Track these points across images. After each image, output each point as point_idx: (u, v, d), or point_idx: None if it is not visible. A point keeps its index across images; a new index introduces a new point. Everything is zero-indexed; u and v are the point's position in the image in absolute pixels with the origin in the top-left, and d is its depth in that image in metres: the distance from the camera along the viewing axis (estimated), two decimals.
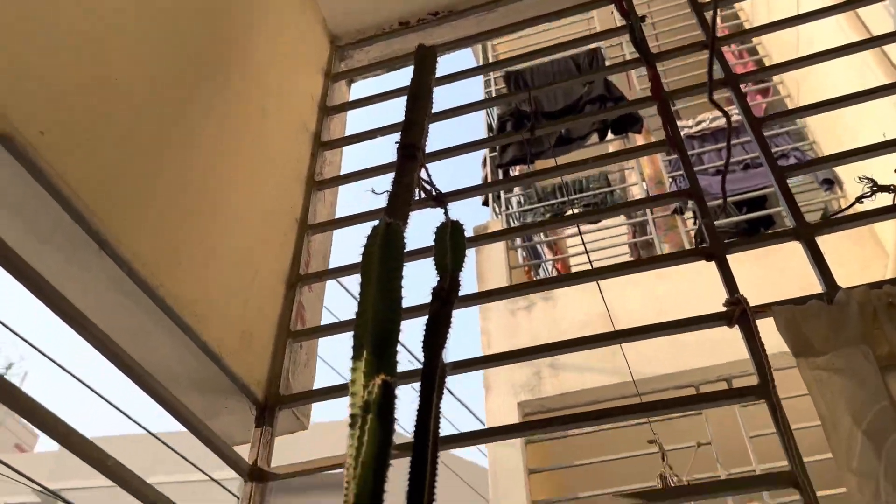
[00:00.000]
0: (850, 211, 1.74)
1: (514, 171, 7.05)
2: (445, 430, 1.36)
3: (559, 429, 1.67)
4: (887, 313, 1.40)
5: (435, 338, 1.38)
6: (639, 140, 7.20)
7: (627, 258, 6.64)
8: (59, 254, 1.36)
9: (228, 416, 1.82)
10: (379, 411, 1.13)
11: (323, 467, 1.59)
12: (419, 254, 1.85)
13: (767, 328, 1.49)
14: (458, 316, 1.43)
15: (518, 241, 6.29)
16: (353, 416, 1.23)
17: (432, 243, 1.55)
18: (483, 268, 5.92)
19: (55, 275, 1.31)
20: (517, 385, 5.06)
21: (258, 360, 1.77)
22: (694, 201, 1.78)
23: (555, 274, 6.49)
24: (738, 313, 1.54)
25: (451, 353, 1.41)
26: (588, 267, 5.60)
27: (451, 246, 1.52)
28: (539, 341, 5.34)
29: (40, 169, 1.19)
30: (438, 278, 1.48)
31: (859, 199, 1.63)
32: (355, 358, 1.30)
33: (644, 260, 5.38)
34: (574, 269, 6.57)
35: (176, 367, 1.65)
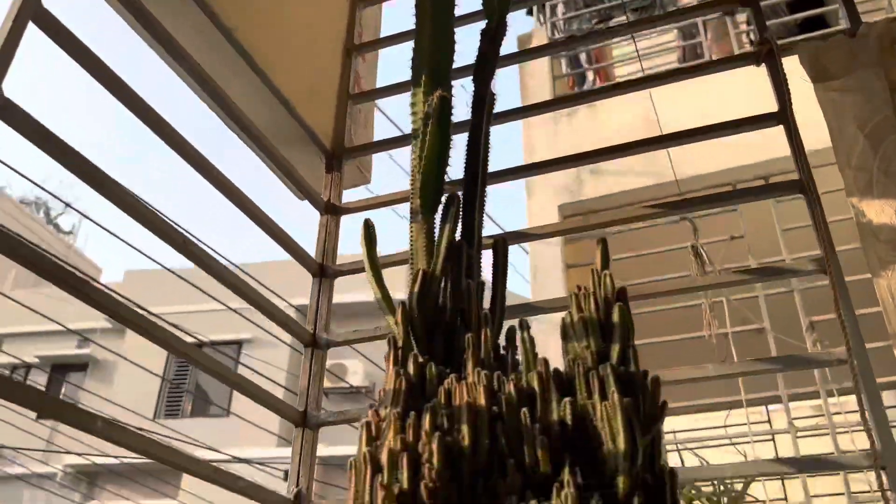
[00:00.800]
0: None
1: None
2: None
3: (592, 161, 1.86)
4: None
5: (485, 69, 1.54)
6: None
7: (676, 66, 6.53)
8: (151, 4, 1.53)
9: (301, 170, 2.05)
10: (438, 118, 1.33)
11: (390, 201, 1.83)
12: (467, 18, 1.96)
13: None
14: (500, 129, 1.56)
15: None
16: (414, 129, 1.44)
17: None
18: (526, 78, 5.94)
19: None
20: (558, 188, 5.26)
21: (324, 115, 1.97)
22: None
23: (597, 83, 6.46)
24: (766, 52, 1.66)
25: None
26: (636, 76, 5.57)
27: None
28: (581, 149, 5.48)
29: None
30: (487, 20, 1.62)
31: None
32: (414, 84, 1.49)
33: (672, 12, 5.33)
34: (619, 79, 6.50)
35: (254, 118, 1.86)
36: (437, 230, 1.33)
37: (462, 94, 1.65)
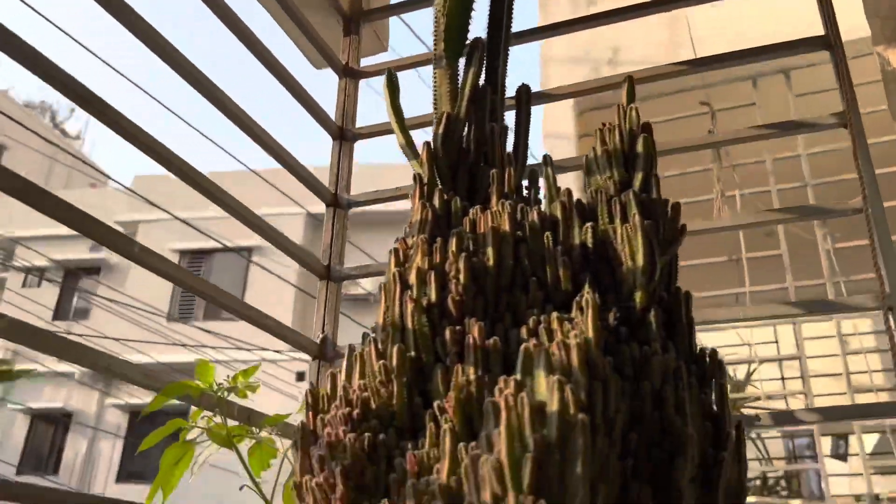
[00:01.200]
0: None
1: None
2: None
3: (614, 21, 1.84)
4: None
5: None
6: None
7: None
8: None
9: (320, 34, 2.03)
10: None
11: (411, 63, 1.82)
12: None
13: None
14: (518, 17, 1.52)
15: None
16: None
17: None
18: None
19: None
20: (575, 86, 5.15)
21: None
22: None
23: None
24: None
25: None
26: None
27: None
28: (601, 36, 5.30)
29: None
30: None
31: None
32: None
33: None
34: None
35: None
36: (460, 76, 1.33)
37: None
